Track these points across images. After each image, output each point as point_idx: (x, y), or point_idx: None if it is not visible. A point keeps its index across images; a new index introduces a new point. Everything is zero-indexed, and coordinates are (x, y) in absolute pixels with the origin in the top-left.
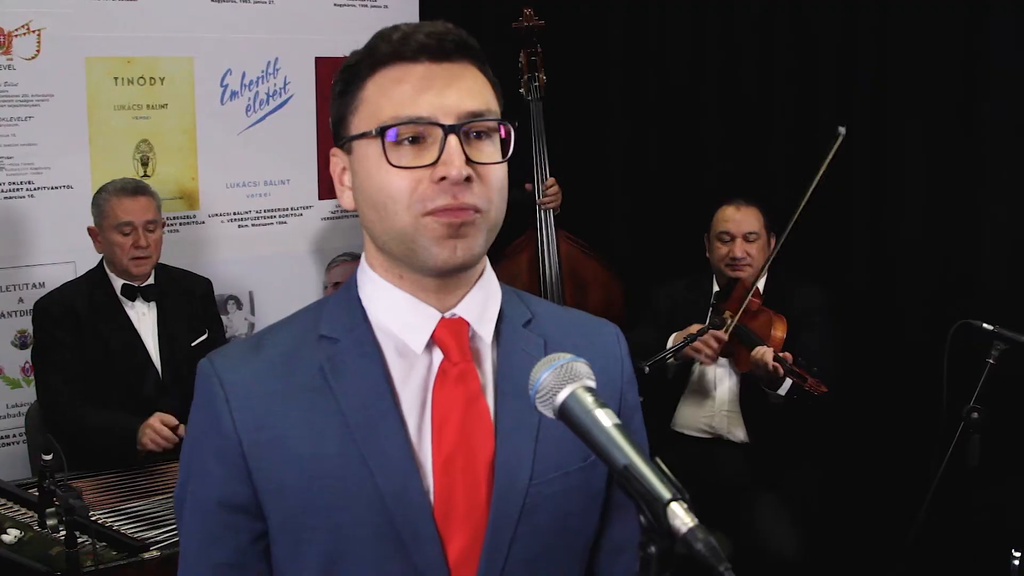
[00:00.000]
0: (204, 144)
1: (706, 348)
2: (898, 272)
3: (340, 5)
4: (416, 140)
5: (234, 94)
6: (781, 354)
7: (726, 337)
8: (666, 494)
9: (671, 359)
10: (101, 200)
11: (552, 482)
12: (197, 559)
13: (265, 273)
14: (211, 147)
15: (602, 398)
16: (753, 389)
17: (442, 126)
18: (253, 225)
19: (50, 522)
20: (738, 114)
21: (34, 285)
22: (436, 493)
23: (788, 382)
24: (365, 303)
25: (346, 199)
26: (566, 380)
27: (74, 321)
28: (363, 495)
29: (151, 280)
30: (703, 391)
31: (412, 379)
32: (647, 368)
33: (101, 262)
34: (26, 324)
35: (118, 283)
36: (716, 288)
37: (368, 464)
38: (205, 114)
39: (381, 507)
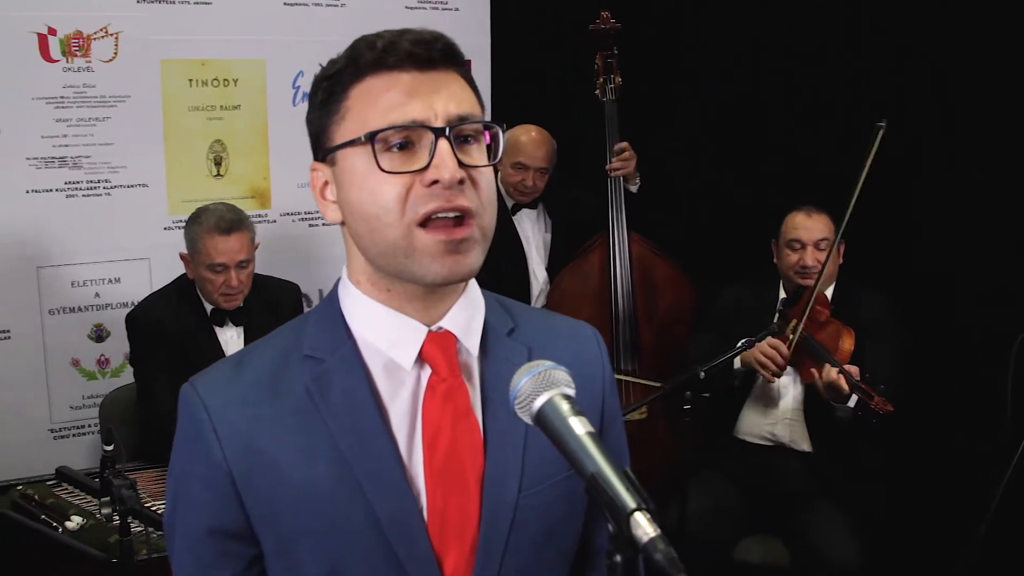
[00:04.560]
0: (276, 144)
1: (771, 364)
2: (959, 283)
3: (412, 8)
4: (404, 146)
5: (306, 95)
6: (847, 367)
7: (789, 354)
8: (631, 503)
9: (734, 365)
10: (194, 234)
11: (540, 493)
12: None
13: (335, 272)
14: (283, 147)
15: (582, 404)
16: (818, 399)
17: (432, 129)
18: (324, 224)
19: (104, 511)
20: (804, 117)
21: (110, 280)
22: (429, 511)
23: (855, 396)
24: (348, 320)
25: (331, 213)
26: (544, 387)
27: (164, 336)
28: (357, 518)
29: (239, 304)
30: (767, 399)
31: (400, 396)
32: (703, 372)
33: (191, 280)
34: (102, 318)
35: (208, 306)
36: (783, 295)
37: (361, 486)
38: (277, 115)
39: (376, 529)
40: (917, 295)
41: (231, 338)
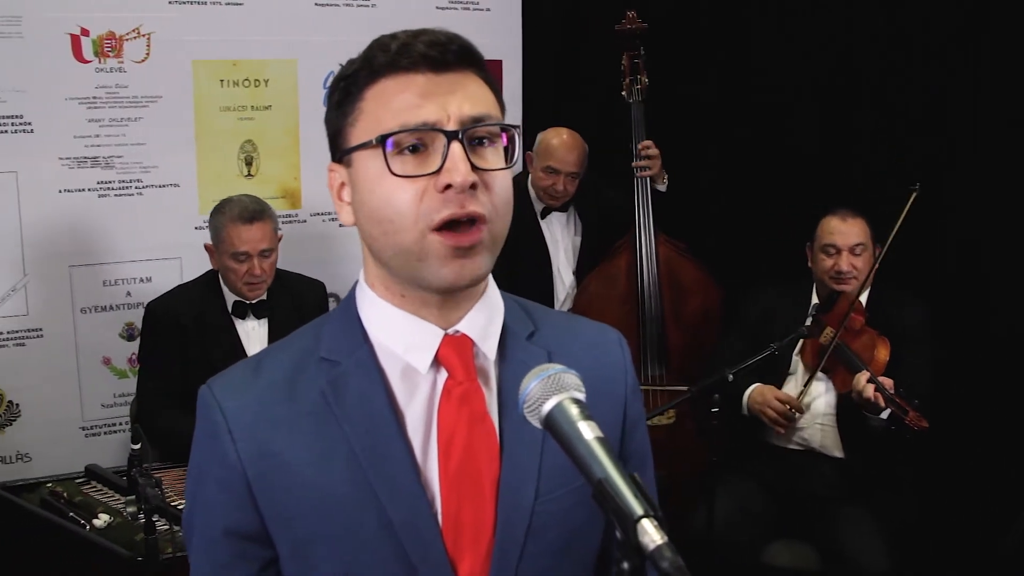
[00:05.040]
0: (307, 145)
1: (781, 420)
2: (993, 289)
3: (443, 8)
4: (417, 149)
5: None
6: (881, 378)
7: (798, 417)
8: (638, 510)
9: (742, 411)
10: (218, 223)
11: (559, 499)
12: None
13: None
14: (313, 148)
15: (601, 408)
16: (852, 405)
17: (445, 132)
18: (356, 226)
19: (130, 509)
20: (840, 118)
21: (141, 280)
22: (444, 516)
23: (889, 409)
24: (365, 323)
25: (345, 215)
26: (553, 391)
27: (179, 333)
28: (371, 522)
29: (263, 295)
30: None
31: (416, 400)
32: (731, 376)
33: (216, 273)
34: (133, 317)
35: (230, 298)
36: (816, 299)
37: (375, 491)
38: (308, 115)
39: (390, 533)
40: (951, 303)
41: (252, 329)
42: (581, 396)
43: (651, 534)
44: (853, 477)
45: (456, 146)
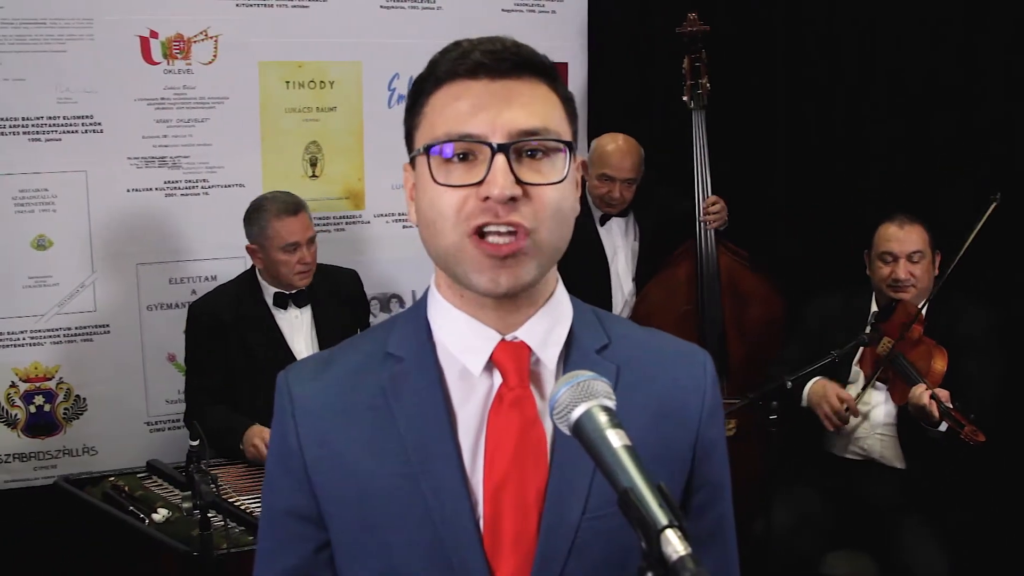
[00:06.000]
0: (371, 146)
1: (834, 418)
2: None
3: (508, 11)
4: (466, 158)
5: (401, 98)
6: (938, 390)
7: (849, 419)
8: (663, 520)
9: (802, 402)
10: (262, 222)
11: (608, 517)
12: (267, 562)
13: (427, 273)
14: (378, 149)
15: (666, 430)
16: (911, 416)
17: (490, 145)
18: (416, 226)
19: (185, 505)
20: (905, 123)
21: (206, 278)
22: (486, 519)
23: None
24: (431, 322)
25: (412, 214)
26: (582, 398)
27: (221, 330)
28: (414, 516)
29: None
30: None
31: (471, 402)
32: (790, 383)
33: (253, 269)
34: None
35: (270, 292)
36: (875, 308)
37: (421, 486)
38: (372, 117)
39: (432, 530)
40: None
41: (295, 318)
42: (611, 404)
43: (675, 544)
44: (913, 488)
45: (499, 159)
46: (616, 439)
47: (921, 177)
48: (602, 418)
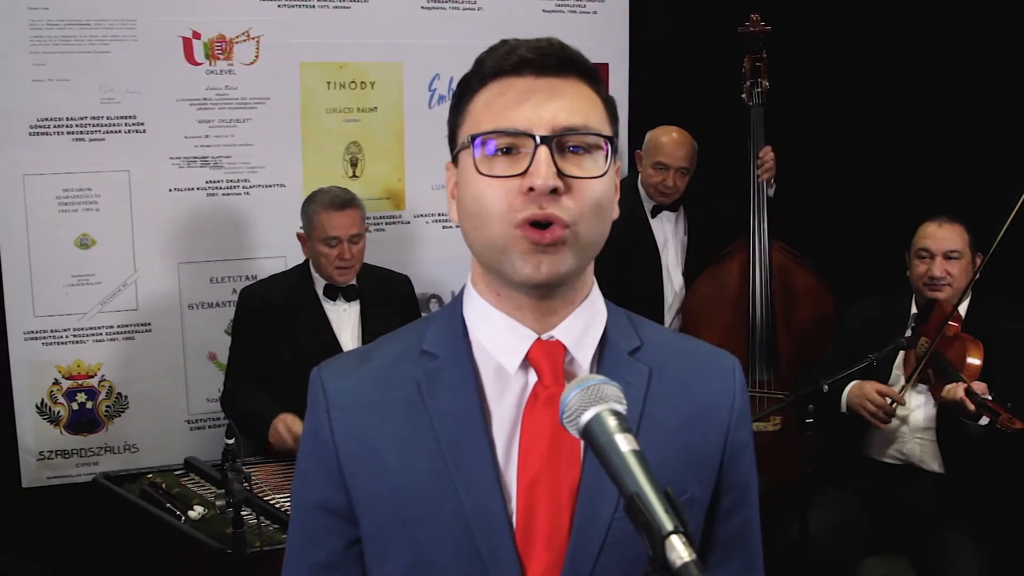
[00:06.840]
0: (411, 146)
1: (880, 413)
2: None
3: (549, 11)
4: (510, 151)
5: (442, 98)
6: (975, 384)
7: (894, 410)
8: (668, 525)
9: (841, 408)
10: (310, 211)
11: None
12: (297, 557)
13: (467, 273)
14: (418, 149)
15: (694, 434)
16: (951, 419)
17: (533, 137)
18: (456, 226)
19: (219, 503)
20: (956, 127)
21: (247, 277)
22: (519, 516)
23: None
24: (467, 320)
25: (453, 212)
26: (592, 402)
27: (268, 315)
28: (446, 512)
29: (352, 280)
30: (897, 417)
31: (505, 400)
32: (826, 386)
33: (308, 260)
34: None
35: (320, 283)
36: (915, 310)
37: (454, 482)
38: (413, 117)
39: (464, 525)
40: None
41: (343, 311)
42: (621, 408)
43: (679, 550)
44: (952, 492)
45: (543, 151)
46: (624, 443)
47: (975, 179)
48: (611, 422)
